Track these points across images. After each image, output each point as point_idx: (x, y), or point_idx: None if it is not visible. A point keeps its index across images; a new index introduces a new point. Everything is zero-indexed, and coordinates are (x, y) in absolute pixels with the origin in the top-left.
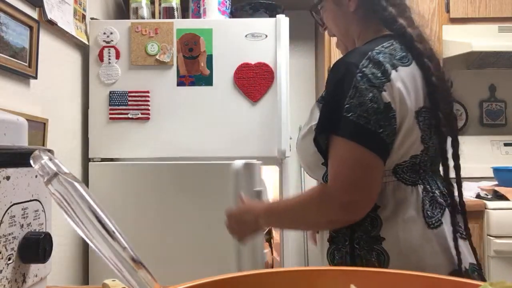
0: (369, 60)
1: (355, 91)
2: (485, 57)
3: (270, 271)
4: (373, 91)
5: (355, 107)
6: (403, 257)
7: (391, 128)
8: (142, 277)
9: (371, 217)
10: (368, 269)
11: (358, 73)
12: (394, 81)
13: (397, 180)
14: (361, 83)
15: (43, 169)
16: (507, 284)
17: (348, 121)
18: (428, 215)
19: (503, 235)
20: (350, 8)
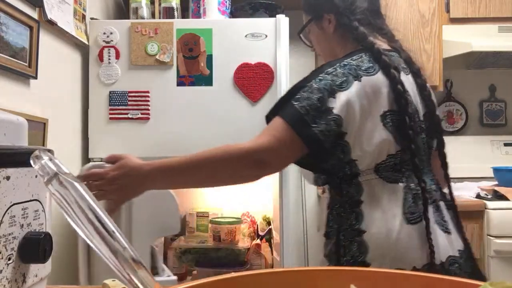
0: (334, 69)
1: (309, 88)
2: (485, 57)
3: (270, 271)
4: (324, 93)
5: (303, 99)
6: (382, 249)
7: (327, 127)
8: (142, 277)
9: (356, 212)
10: (368, 269)
11: (319, 77)
12: (354, 92)
13: (378, 177)
14: (317, 84)
15: (43, 169)
16: (507, 284)
17: (292, 107)
18: (409, 211)
19: (503, 235)
20: (330, 30)
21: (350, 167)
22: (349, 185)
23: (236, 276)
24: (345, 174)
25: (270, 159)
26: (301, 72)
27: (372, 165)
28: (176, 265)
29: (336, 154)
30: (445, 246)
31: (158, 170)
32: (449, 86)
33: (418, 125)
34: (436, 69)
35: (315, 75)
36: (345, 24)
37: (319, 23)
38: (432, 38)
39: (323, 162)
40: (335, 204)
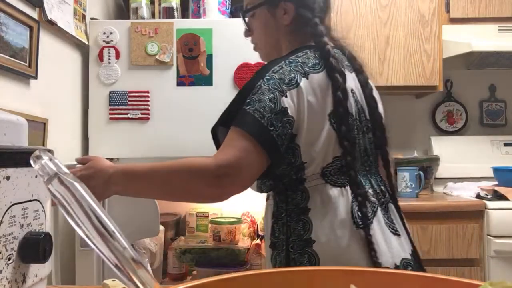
0: (280, 67)
1: (258, 89)
2: (485, 57)
3: (270, 271)
4: (275, 93)
5: (254, 102)
6: (333, 258)
7: (284, 130)
8: (142, 277)
9: (303, 221)
10: (368, 269)
11: (266, 76)
12: (303, 89)
13: (325, 182)
14: (266, 84)
15: (43, 169)
16: (507, 284)
17: (245, 112)
18: (358, 215)
19: (503, 235)
20: (284, 21)
21: (297, 172)
22: (295, 192)
23: (236, 276)
24: (290, 180)
25: (234, 175)
26: None
27: (319, 170)
28: (176, 265)
29: (288, 158)
30: (398, 248)
31: (120, 174)
32: (449, 86)
33: (365, 125)
34: (436, 69)
35: (262, 75)
36: (306, 18)
37: (272, 10)
38: (432, 38)
39: (276, 168)
40: (281, 213)
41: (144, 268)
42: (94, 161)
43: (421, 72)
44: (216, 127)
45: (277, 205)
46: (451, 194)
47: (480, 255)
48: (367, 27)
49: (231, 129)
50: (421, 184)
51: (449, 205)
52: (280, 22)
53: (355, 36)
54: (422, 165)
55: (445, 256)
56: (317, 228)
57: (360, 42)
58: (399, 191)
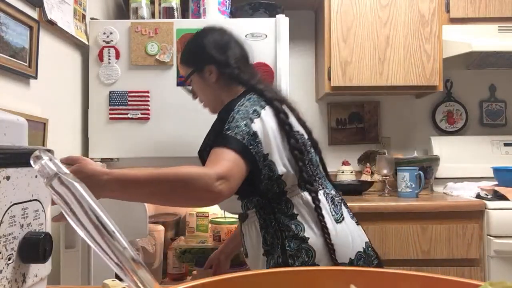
0: (242, 103)
1: (233, 119)
2: (485, 57)
3: (270, 271)
4: (246, 120)
5: (233, 128)
6: (325, 249)
7: (258, 149)
8: (142, 277)
9: (294, 224)
10: (368, 269)
11: (236, 109)
12: (263, 117)
13: (303, 191)
14: (238, 114)
15: (43, 169)
16: (507, 284)
17: (228, 136)
18: (333, 212)
19: (503, 235)
20: (212, 79)
21: (279, 186)
22: (279, 203)
23: (236, 276)
24: (274, 193)
25: (229, 181)
26: (301, 72)
27: (296, 182)
28: (176, 265)
29: (267, 174)
30: (362, 234)
31: (116, 180)
32: (449, 86)
33: (307, 141)
34: (436, 69)
35: (231, 109)
36: (227, 73)
37: (201, 74)
38: (432, 38)
39: (259, 183)
40: (270, 223)
41: (144, 268)
42: (83, 165)
43: (421, 72)
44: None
45: (263, 218)
46: (451, 194)
47: (480, 255)
48: (367, 27)
49: (218, 148)
50: (421, 184)
51: (449, 205)
52: (210, 81)
53: (355, 36)
54: (422, 165)
55: (445, 256)
56: (308, 228)
57: (360, 42)
58: (399, 191)
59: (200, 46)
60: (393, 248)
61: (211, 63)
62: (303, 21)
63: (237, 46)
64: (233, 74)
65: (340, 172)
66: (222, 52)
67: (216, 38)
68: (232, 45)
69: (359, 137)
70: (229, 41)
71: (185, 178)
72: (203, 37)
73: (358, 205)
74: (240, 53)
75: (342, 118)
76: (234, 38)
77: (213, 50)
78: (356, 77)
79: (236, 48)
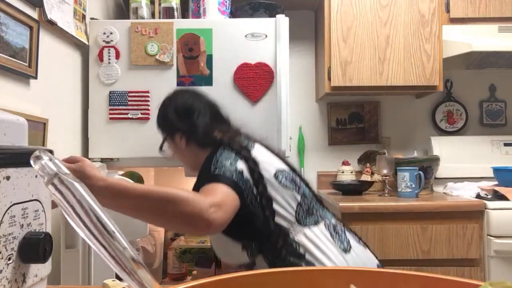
0: (220, 151)
1: (217, 161)
2: (485, 57)
3: (270, 271)
4: (230, 160)
5: (220, 167)
6: None
7: (247, 187)
8: (142, 277)
9: (305, 262)
10: (368, 269)
11: (217, 154)
12: (243, 163)
13: (303, 226)
14: (220, 156)
15: (43, 169)
16: (507, 284)
17: (216, 174)
18: (339, 242)
19: (503, 235)
20: (183, 144)
21: (277, 225)
22: (285, 244)
23: (236, 276)
24: (276, 235)
25: (222, 210)
26: (301, 72)
27: (294, 219)
28: (176, 265)
29: (261, 213)
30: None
31: (109, 188)
32: (449, 86)
33: (298, 179)
34: (436, 69)
35: (212, 155)
36: (193, 139)
37: (172, 139)
38: (432, 38)
39: (258, 224)
40: (280, 266)
41: (144, 268)
42: (83, 166)
43: (421, 72)
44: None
45: (272, 262)
46: (451, 194)
47: (480, 255)
48: (367, 27)
49: (209, 185)
50: (421, 184)
51: (449, 205)
52: (181, 146)
53: (355, 36)
54: (422, 165)
55: (445, 256)
56: (318, 265)
57: (360, 42)
58: (399, 191)
59: (165, 115)
60: (393, 248)
61: (178, 131)
62: (303, 21)
63: (203, 106)
64: (198, 140)
65: (340, 172)
66: (185, 118)
67: (179, 104)
68: (197, 106)
69: (359, 137)
70: (192, 104)
71: (177, 199)
72: (167, 105)
73: (358, 205)
74: (208, 112)
75: (342, 118)
76: (199, 97)
77: (176, 119)
78: (356, 77)
79: (202, 108)
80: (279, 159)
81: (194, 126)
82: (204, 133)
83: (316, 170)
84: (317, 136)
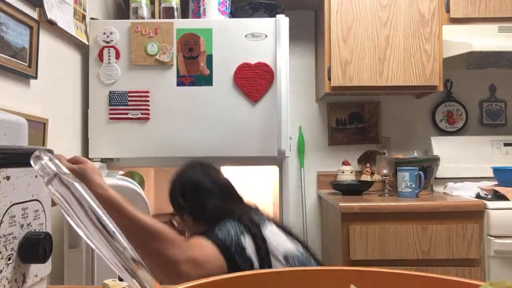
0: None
1: (224, 225)
2: (485, 57)
3: (270, 271)
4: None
5: (224, 231)
6: None
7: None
8: (142, 277)
9: None
10: (368, 269)
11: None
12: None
13: None
14: (227, 224)
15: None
16: (507, 284)
17: (214, 232)
18: None
19: (503, 235)
20: (190, 222)
21: None
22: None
23: (236, 276)
24: None
25: (196, 272)
26: (301, 72)
27: None
28: None
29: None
30: None
31: (105, 200)
32: (449, 86)
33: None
34: (436, 69)
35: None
36: (201, 218)
37: (181, 217)
38: (432, 38)
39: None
40: None
41: (144, 268)
42: (84, 169)
43: (421, 72)
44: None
45: None
46: (451, 194)
47: (480, 255)
48: (367, 27)
49: (203, 239)
50: (421, 184)
51: (449, 205)
52: (189, 224)
53: (355, 36)
54: (422, 165)
55: (445, 256)
56: None
57: (360, 42)
58: (399, 191)
59: (172, 195)
60: (393, 248)
61: (184, 212)
62: (303, 21)
63: (213, 185)
64: (207, 218)
65: (340, 172)
66: (193, 199)
67: (185, 182)
68: (206, 186)
69: (359, 137)
70: (201, 183)
71: (164, 237)
72: (176, 183)
73: (358, 205)
74: (218, 192)
75: (342, 118)
76: (209, 175)
77: (183, 201)
78: (356, 77)
79: (212, 188)
80: (293, 239)
81: (203, 206)
82: (212, 213)
83: (316, 170)
84: (317, 136)
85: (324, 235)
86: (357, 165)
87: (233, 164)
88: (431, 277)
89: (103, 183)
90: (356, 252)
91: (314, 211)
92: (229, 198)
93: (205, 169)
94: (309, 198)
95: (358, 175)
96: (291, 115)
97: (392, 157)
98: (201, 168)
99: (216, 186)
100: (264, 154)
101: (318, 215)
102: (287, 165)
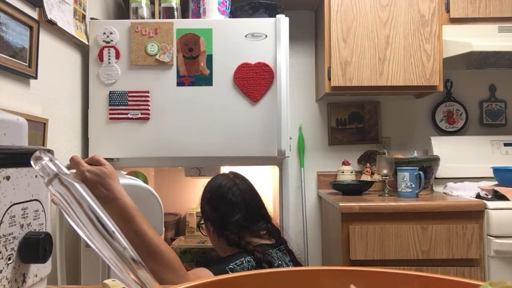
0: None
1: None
2: (485, 57)
3: (270, 271)
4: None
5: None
6: None
7: None
8: (142, 277)
9: None
10: (368, 269)
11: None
12: None
13: None
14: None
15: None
16: (507, 284)
17: (222, 266)
18: None
19: (503, 235)
20: (212, 233)
21: None
22: None
23: (236, 276)
24: None
25: None
26: (301, 72)
27: None
28: None
29: None
30: None
31: (118, 207)
32: (449, 86)
33: None
34: (436, 69)
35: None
36: (219, 233)
37: (206, 224)
38: (432, 38)
39: None
40: None
41: (144, 268)
42: (104, 172)
43: (421, 72)
44: None
45: None
46: (451, 194)
47: (480, 255)
48: (367, 27)
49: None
50: (421, 184)
51: (449, 205)
52: (210, 231)
53: (355, 36)
54: (422, 165)
55: (445, 256)
56: None
57: (360, 42)
58: (399, 191)
59: (202, 200)
60: (393, 248)
61: (208, 220)
62: (303, 21)
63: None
64: (223, 235)
65: (340, 172)
66: (215, 208)
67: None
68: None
69: (359, 137)
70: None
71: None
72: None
73: (358, 205)
74: (246, 214)
75: (342, 118)
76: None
77: (207, 207)
78: (356, 77)
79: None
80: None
81: (225, 219)
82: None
83: (316, 170)
84: (317, 136)
85: (324, 235)
86: (357, 165)
87: (233, 164)
88: (431, 277)
89: (121, 189)
90: (356, 252)
91: (314, 211)
92: (252, 216)
93: (236, 180)
94: (309, 198)
95: (358, 175)
96: (291, 115)
97: (392, 157)
98: (233, 178)
99: (242, 200)
100: (264, 154)
101: (318, 215)
102: (287, 165)
